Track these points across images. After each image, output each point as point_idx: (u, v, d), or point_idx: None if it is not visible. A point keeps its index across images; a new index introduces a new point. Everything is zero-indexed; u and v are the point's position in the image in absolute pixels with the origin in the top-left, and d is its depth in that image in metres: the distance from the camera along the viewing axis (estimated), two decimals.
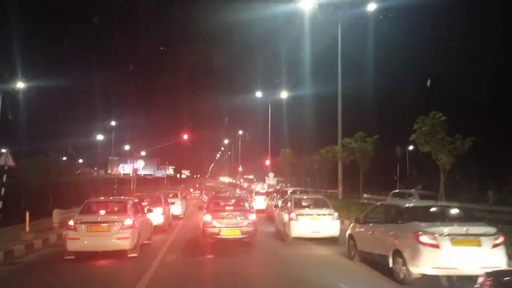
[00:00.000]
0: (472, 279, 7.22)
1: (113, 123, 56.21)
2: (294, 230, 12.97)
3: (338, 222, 13.31)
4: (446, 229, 7.08)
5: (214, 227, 11.20)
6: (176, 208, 19.25)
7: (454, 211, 8.12)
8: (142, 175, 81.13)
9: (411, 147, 41.39)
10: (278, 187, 27.09)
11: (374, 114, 32.16)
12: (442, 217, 7.85)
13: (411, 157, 37.42)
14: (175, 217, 18.86)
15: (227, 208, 11.97)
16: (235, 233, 11.27)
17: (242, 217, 11.49)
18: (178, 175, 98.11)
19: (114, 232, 9.75)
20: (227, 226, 11.32)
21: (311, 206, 14.02)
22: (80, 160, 64.16)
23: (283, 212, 14.24)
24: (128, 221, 9.95)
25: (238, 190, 38.33)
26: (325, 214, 13.20)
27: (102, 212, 10.54)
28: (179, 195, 20.61)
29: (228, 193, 26.67)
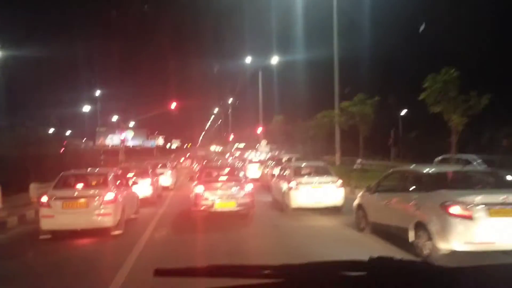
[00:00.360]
0: (508, 254, 6.31)
1: (98, 92, 53.75)
2: (294, 200, 11.97)
3: (342, 190, 12.30)
4: (480, 198, 6.04)
5: (207, 199, 10.14)
6: (166, 179, 18.11)
7: (487, 176, 7.07)
8: (131, 146, 79.95)
9: (404, 111, 40.39)
10: (269, 155, 25.99)
11: (373, 75, 30.50)
12: (473, 184, 6.81)
13: (413, 119, 35.78)
14: (165, 189, 17.78)
15: (220, 178, 10.93)
16: (230, 205, 10.23)
17: (238, 187, 10.44)
18: (168, 145, 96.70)
19: (93, 208, 8.60)
20: (221, 198, 10.28)
21: (312, 174, 13.02)
22: (68, 132, 62.29)
23: (281, 181, 13.24)
24: (110, 195, 8.80)
25: (230, 159, 37.28)
26: (328, 182, 12.21)
27: (80, 185, 9.35)
28: (168, 165, 19.41)
29: (220, 161, 25.58)
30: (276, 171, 16.31)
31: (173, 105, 36.71)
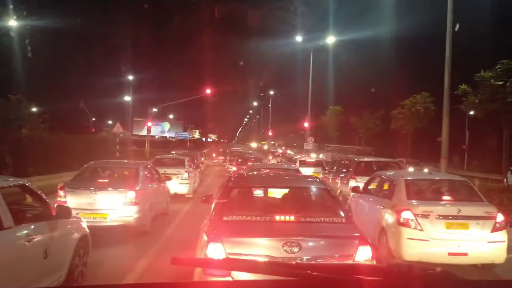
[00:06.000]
0: None
1: (132, 80, 49.31)
2: (409, 247, 6.10)
3: (504, 234, 6.20)
4: None
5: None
6: (179, 185, 12.18)
7: None
8: (168, 137, 77.20)
9: None
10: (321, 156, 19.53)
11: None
12: None
13: None
14: (179, 198, 11.95)
15: (278, 217, 4.10)
16: None
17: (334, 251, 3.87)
18: (203, 139, 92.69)
19: None
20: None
21: (444, 198, 6.81)
22: (110, 121, 59.13)
23: (376, 204, 7.25)
24: None
25: (270, 157, 31.19)
26: (479, 217, 6.18)
27: None
28: (186, 163, 13.36)
29: (261, 162, 19.52)
30: (354, 182, 10.18)
31: (208, 91, 32.63)
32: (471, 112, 12.13)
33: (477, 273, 6.27)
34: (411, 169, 12.91)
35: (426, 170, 13.54)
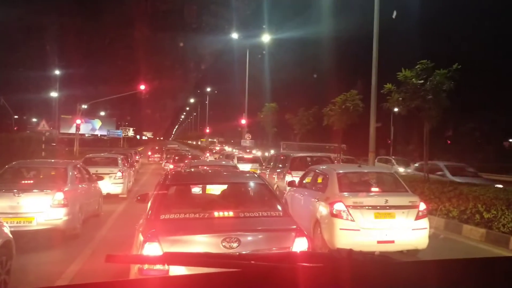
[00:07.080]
0: None
1: (59, 74, 46.17)
2: (341, 236, 6.42)
3: (426, 221, 6.74)
4: None
5: None
6: (112, 185, 11.70)
7: None
8: (99, 135, 73.77)
9: None
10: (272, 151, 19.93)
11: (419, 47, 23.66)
12: None
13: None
14: (113, 198, 11.50)
15: (216, 213, 4.09)
16: None
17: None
18: (138, 137, 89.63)
19: None
20: None
21: (373, 189, 7.20)
22: (34, 119, 54.83)
23: (311, 197, 7.52)
24: None
25: (208, 155, 31.02)
26: (404, 206, 6.63)
27: None
28: (119, 162, 12.84)
29: (199, 159, 19.35)
30: (290, 177, 10.44)
31: (142, 87, 31.34)
32: (396, 109, 13.02)
33: (403, 259, 6.73)
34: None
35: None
